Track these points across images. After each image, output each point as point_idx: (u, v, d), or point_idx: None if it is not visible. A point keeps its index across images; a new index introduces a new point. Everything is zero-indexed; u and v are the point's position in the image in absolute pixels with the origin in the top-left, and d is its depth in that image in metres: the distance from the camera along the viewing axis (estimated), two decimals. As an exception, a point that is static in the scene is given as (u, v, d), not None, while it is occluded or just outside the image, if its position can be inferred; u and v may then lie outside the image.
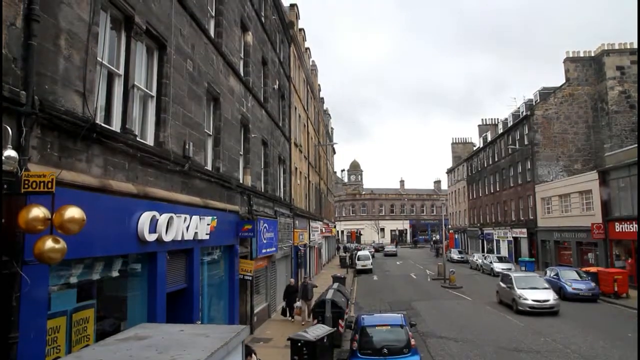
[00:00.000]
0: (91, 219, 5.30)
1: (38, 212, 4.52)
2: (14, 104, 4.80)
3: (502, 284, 21.61)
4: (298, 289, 17.83)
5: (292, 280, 19.09)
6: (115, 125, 7.16)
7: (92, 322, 6.39)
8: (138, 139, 7.69)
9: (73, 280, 6.00)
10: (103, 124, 6.65)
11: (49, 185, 4.63)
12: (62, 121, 5.53)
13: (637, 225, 24.35)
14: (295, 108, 26.49)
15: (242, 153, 14.57)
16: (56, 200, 4.71)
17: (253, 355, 6.86)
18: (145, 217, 7.26)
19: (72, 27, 5.88)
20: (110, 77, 7.17)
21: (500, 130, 48.02)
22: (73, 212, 4.71)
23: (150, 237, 7.41)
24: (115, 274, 6.99)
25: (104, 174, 6.51)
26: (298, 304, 17.03)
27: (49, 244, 4.48)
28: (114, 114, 7.22)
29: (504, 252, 43.48)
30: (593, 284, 22.22)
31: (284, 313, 17.48)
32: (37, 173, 4.73)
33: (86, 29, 6.15)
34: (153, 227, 7.51)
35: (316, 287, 20.04)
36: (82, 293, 6.26)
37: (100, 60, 6.60)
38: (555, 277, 23.67)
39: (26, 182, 4.63)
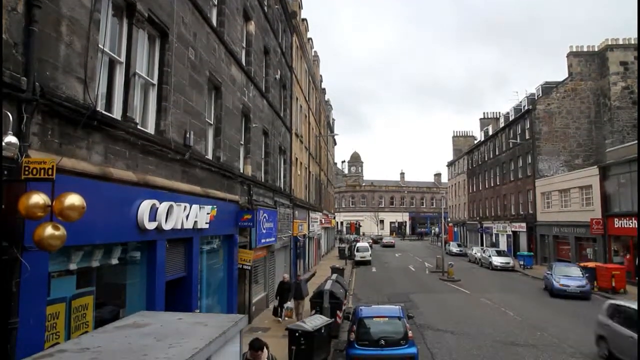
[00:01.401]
0: (91, 206, 5.31)
1: (38, 198, 4.52)
2: (15, 90, 4.78)
3: (615, 326, 11.60)
4: (291, 287, 15.88)
5: (286, 275, 17.36)
6: (116, 113, 7.14)
7: (91, 309, 6.43)
8: (139, 127, 7.67)
9: (72, 267, 6.01)
10: (104, 112, 6.64)
11: (49, 172, 4.63)
12: (63, 108, 5.51)
13: (636, 222, 24.38)
14: (297, 98, 26.38)
15: (242, 143, 14.54)
16: (56, 187, 4.71)
17: (265, 349, 6.72)
18: (145, 206, 7.27)
19: (73, 13, 5.83)
20: (112, 64, 7.13)
21: (502, 124, 47.88)
22: (73, 200, 4.71)
23: (150, 226, 7.43)
24: (114, 261, 7.01)
25: (104, 162, 6.50)
26: (289, 304, 15.38)
27: (49, 230, 4.49)
28: (115, 102, 7.19)
29: (503, 246, 43.57)
30: (585, 282, 21.97)
31: (275, 312, 15.81)
32: (37, 160, 4.73)
33: (88, 15, 6.11)
34: (153, 215, 7.53)
35: (315, 273, 20.02)
36: (81, 280, 6.28)
37: (102, 47, 6.56)
38: (548, 273, 23.75)
39: (26, 168, 4.63)
